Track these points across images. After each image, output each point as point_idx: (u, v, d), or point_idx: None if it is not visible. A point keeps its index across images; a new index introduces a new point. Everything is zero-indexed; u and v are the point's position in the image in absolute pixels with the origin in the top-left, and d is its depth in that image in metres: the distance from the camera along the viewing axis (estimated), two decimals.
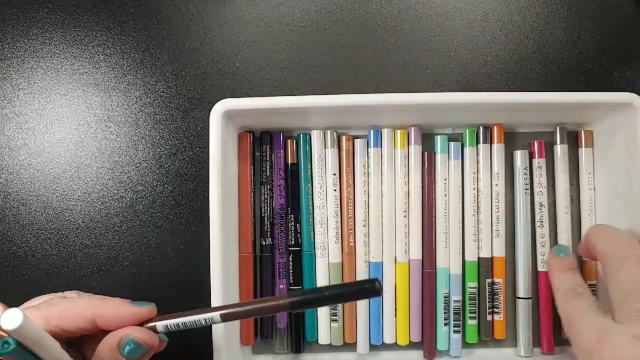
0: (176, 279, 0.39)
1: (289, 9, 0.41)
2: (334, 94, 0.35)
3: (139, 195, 0.40)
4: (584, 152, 0.39)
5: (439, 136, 0.39)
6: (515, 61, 0.41)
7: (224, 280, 0.34)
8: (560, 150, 0.39)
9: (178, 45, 0.41)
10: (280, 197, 0.38)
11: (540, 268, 0.38)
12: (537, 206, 0.38)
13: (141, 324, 0.27)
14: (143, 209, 0.40)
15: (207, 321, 0.26)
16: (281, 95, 0.40)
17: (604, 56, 0.41)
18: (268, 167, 0.38)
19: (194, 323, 0.26)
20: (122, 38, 0.41)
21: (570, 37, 0.41)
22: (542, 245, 0.38)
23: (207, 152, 0.34)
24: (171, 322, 0.27)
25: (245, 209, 0.38)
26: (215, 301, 0.33)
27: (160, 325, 0.27)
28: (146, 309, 0.27)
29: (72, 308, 0.26)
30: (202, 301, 0.38)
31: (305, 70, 0.41)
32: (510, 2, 0.42)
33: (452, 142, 0.38)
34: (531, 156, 0.39)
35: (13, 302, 0.39)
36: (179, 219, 0.40)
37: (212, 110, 0.34)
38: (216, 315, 0.26)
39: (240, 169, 0.38)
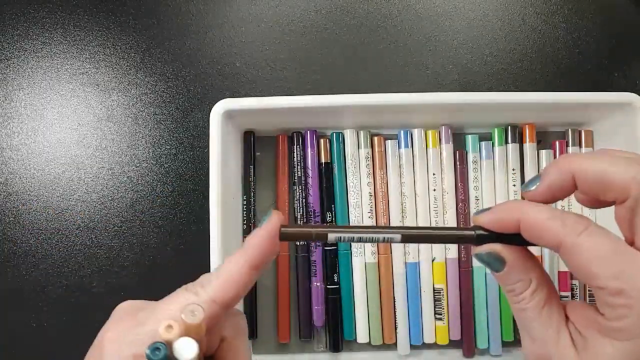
0: (176, 279, 0.39)
1: (289, 9, 0.41)
2: (334, 95, 0.35)
3: (139, 195, 0.40)
4: (584, 152, 0.39)
5: (469, 136, 0.38)
6: (515, 61, 0.41)
7: None
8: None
9: (178, 45, 0.41)
10: (314, 196, 0.38)
11: (561, 268, 0.38)
12: None
13: (288, 228, 0.24)
14: (143, 209, 0.40)
15: (386, 239, 0.24)
16: (281, 95, 0.40)
17: (604, 56, 0.41)
18: (300, 167, 0.38)
19: (371, 239, 0.24)
20: (122, 38, 0.41)
21: (570, 37, 0.41)
22: None
23: (207, 152, 0.34)
24: (346, 235, 0.24)
25: (282, 210, 0.38)
26: None
27: (332, 236, 0.24)
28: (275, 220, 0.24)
29: (228, 276, 0.23)
30: None
31: (305, 70, 0.41)
32: (510, 2, 0.42)
33: (483, 142, 0.38)
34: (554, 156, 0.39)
35: (14, 302, 0.39)
36: (179, 219, 0.40)
37: (212, 110, 0.34)
38: (397, 235, 0.24)
39: (278, 170, 0.38)
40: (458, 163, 0.38)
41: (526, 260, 0.23)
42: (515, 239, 0.22)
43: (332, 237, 0.24)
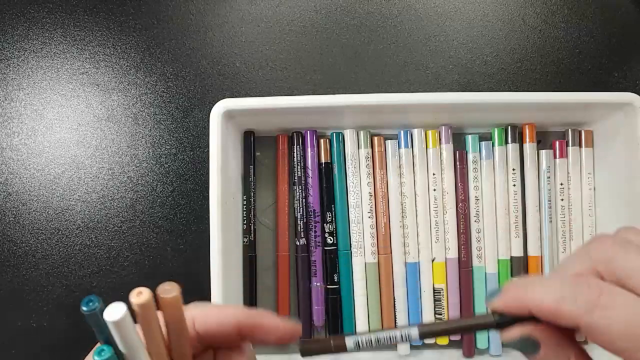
0: (176, 279, 0.39)
1: (289, 9, 0.41)
2: (334, 95, 0.35)
3: (139, 195, 0.40)
4: (584, 152, 0.39)
5: (469, 136, 0.38)
6: (515, 61, 0.41)
7: (224, 280, 0.34)
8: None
9: (178, 45, 0.41)
10: (314, 196, 0.38)
11: None
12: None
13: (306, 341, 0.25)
14: (143, 209, 0.40)
15: (404, 337, 0.24)
16: (281, 95, 0.40)
17: (604, 56, 0.41)
18: (300, 167, 0.38)
19: (388, 339, 0.24)
20: (122, 38, 0.41)
21: (570, 37, 0.41)
22: (563, 245, 0.38)
23: (207, 152, 0.34)
24: (364, 338, 0.24)
25: (282, 210, 0.38)
26: (215, 301, 0.33)
27: (350, 340, 0.24)
28: (299, 326, 0.25)
29: (218, 309, 0.24)
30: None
31: (305, 70, 0.41)
32: (510, 2, 0.42)
33: (483, 142, 0.38)
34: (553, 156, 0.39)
35: (14, 302, 0.39)
36: (179, 219, 0.40)
37: (212, 110, 0.34)
38: (414, 330, 0.24)
39: (278, 170, 0.38)
40: (458, 163, 0.38)
41: (561, 336, 0.22)
42: (535, 318, 0.22)
43: (350, 344, 0.24)
